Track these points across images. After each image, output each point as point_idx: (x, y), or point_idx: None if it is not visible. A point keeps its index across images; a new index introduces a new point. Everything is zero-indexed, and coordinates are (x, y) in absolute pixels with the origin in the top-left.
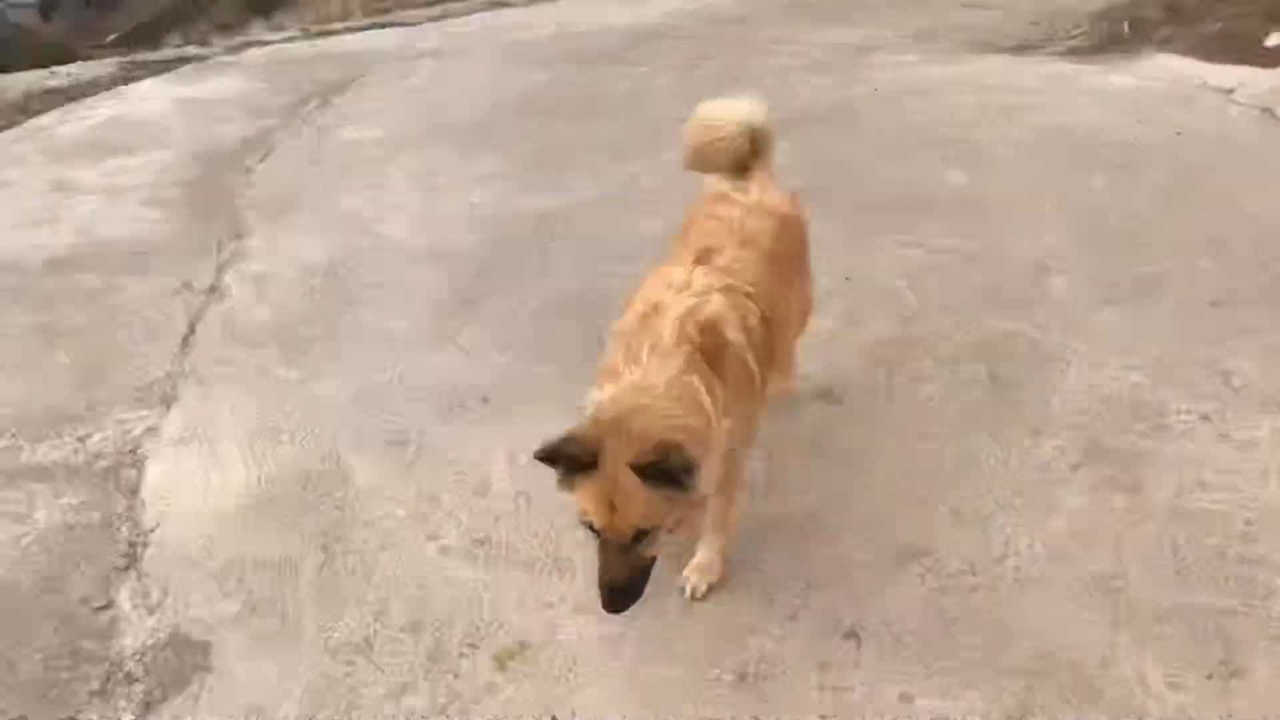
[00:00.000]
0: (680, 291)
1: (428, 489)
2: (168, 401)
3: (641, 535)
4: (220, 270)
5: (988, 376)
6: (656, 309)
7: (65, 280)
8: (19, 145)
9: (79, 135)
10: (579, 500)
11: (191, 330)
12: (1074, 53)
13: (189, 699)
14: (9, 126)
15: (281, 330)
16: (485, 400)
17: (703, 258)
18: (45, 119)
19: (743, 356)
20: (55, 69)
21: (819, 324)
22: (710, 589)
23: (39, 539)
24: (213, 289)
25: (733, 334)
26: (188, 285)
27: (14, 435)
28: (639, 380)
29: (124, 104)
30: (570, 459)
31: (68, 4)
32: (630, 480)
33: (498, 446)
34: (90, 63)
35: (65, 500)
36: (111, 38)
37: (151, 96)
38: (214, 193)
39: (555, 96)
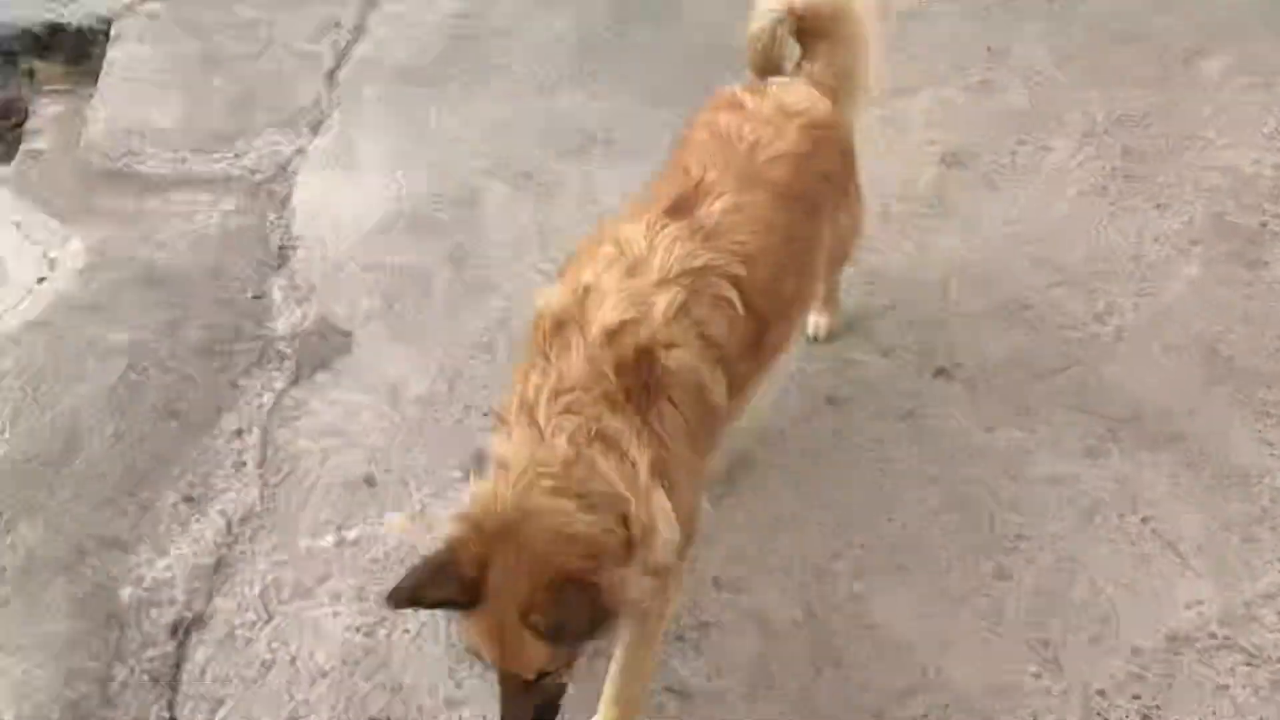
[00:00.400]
0: (627, 275)
1: (548, 220)
2: (315, 127)
3: (545, 674)
4: (366, 9)
5: (1120, 151)
6: (582, 306)
7: (222, 12)
8: None
9: None
10: (464, 633)
11: (338, 65)
12: None
13: (334, 374)
14: None
15: (420, 69)
16: (609, 143)
17: (680, 207)
18: None
19: (697, 382)
20: None
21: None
22: None
23: (203, 236)
24: (358, 28)
25: (679, 358)
26: (336, 23)
27: (176, 149)
28: (535, 455)
29: None
30: (443, 601)
31: None
32: (522, 627)
33: (615, 185)
34: None
35: (224, 206)
36: None
37: None
38: None
39: None
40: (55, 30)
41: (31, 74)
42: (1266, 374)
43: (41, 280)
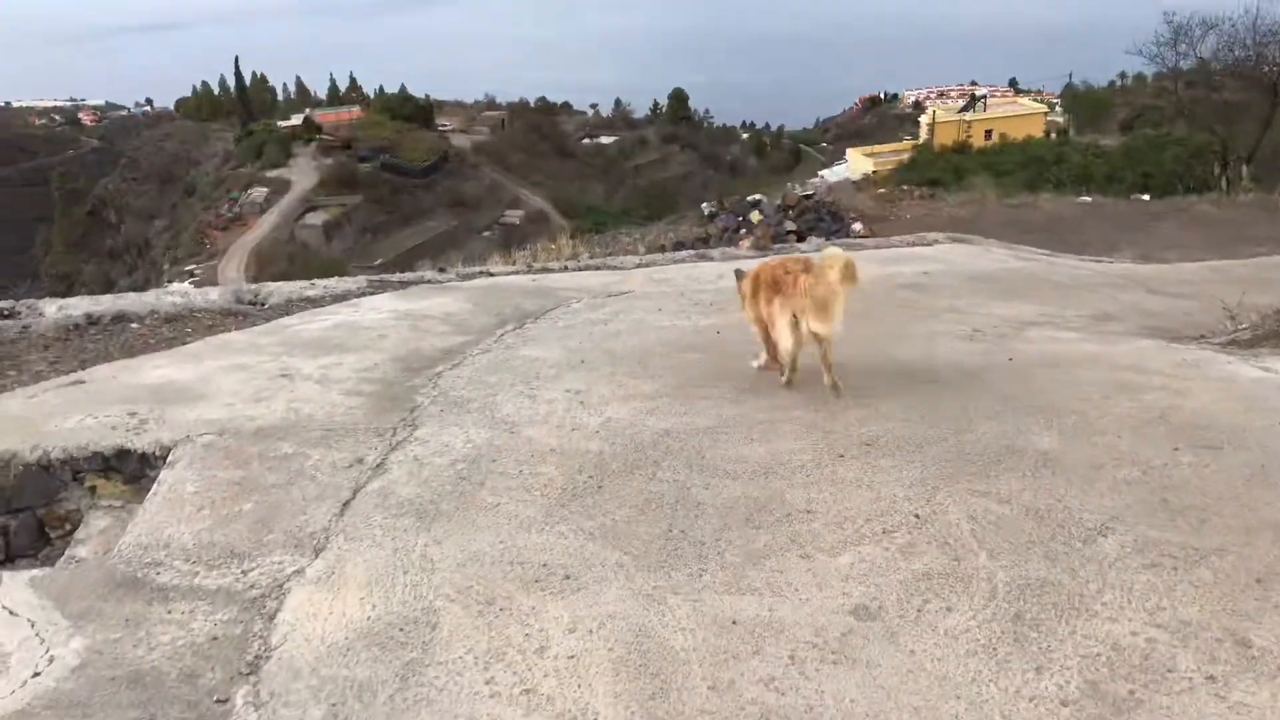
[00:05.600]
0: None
1: (498, 643)
2: (318, 550)
3: None
4: (389, 451)
5: (1014, 615)
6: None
7: (266, 446)
8: (265, 338)
9: (312, 335)
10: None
11: (353, 496)
12: (1234, 343)
13: None
14: (264, 321)
15: (421, 503)
16: (566, 578)
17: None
18: (291, 319)
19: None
20: (315, 281)
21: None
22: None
23: (191, 643)
24: (379, 466)
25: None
26: (360, 460)
27: (194, 561)
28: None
29: (356, 313)
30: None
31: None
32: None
33: (565, 616)
34: (345, 279)
35: (218, 616)
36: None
37: (379, 308)
38: (404, 390)
39: (715, 339)
40: (122, 453)
41: (93, 490)
42: None
43: (36, 675)
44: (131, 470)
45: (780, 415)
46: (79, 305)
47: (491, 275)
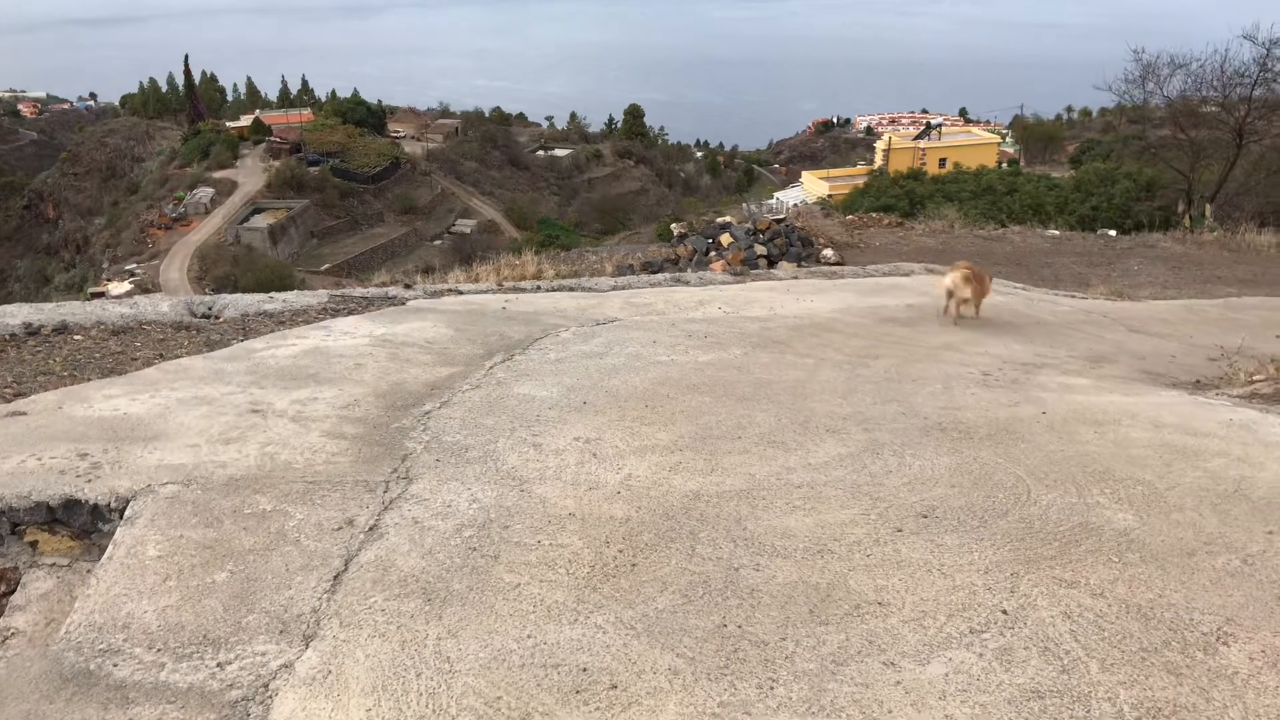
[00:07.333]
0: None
1: None
2: (308, 639)
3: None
4: (383, 511)
5: None
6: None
7: (240, 500)
8: (229, 364)
9: (282, 362)
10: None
11: (345, 567)
12: (1255, 396)
13: None
14: (219, 336)
15: (429, 581)
16: (612, 688)
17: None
18: (256, 342)
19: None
20: (274, 294)
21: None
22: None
23: None
24: (372, 529)
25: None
26: (350, 521)
27: (159, 649)
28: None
29: (328, 337)
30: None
31: (293, 233)
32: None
33: None
34: (305, 293)
35: None
36: (325, 266)
37: (353, 332)
38: (392, 433)
39: (720, 378)
40: (71, 504)
41: (34, 545)
42: None
43: None
44: (81, 523)
45: (818, 475)
46: (17, 314)
47: (461, 294)
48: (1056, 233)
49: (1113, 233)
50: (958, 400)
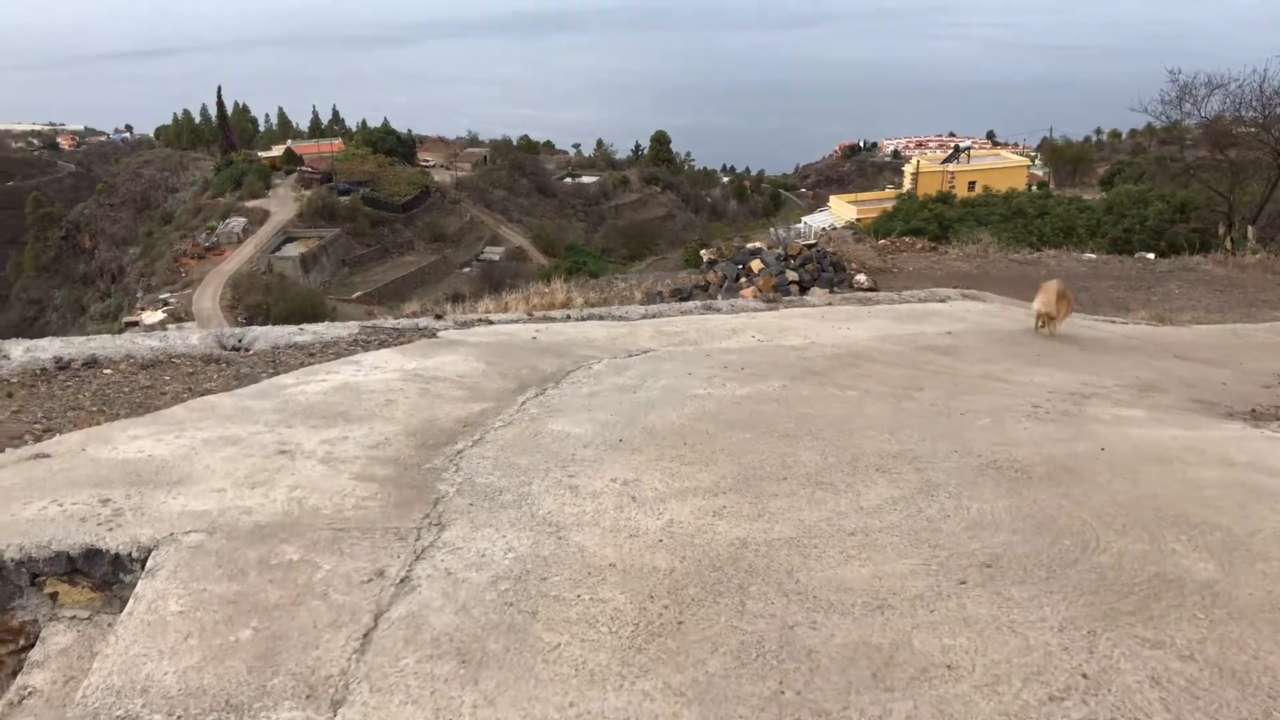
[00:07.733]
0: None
1: None
2: (336, 705)
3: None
4: (414, 560)
5: None
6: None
7: (266, 550)
8: (257, 402)
9: (311, 399)
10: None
11: (375, 624)
12: None
13: None
14: (249, 369)
15: (464, 640)
16: None
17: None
18: (286, 378)
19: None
20: (304, 326)
21: None
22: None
23: None
24: (404, 580)
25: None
26: (381, 573)
27: (179, 717)
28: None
29: (359, 372)
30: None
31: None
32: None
33: None
34: (335, 324)
35: None
36: (356, 295)
37: (384, 366)
38: (423, 475)
39: (760, 413)
40: (91, 554)
41: (54, 597)
42: None
43: None
44: (102, 574)
45: (872, 521)
46: (48, 348)
47: (491, 324)
48: (1093, 256)
49: (1151, 256)
50: (1010, 435)
